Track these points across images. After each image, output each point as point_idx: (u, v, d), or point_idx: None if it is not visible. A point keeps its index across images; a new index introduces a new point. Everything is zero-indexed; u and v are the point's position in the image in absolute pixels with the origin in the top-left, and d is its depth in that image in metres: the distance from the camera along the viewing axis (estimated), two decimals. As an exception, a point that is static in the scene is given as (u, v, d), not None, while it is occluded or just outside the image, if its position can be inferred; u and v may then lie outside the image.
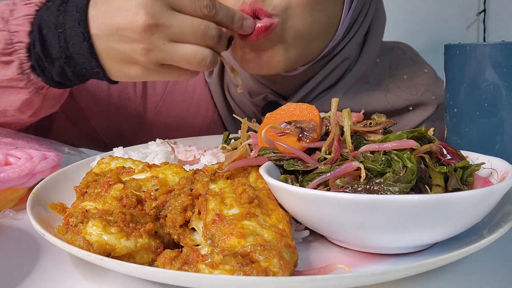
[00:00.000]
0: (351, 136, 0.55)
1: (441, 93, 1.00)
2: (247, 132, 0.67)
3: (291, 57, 0.81)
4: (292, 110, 0.59)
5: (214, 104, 1.08)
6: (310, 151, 0.56)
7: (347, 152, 0.53)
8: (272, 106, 0.93)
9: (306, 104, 0.59)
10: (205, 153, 0.70)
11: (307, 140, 0.53)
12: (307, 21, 0.78)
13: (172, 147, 0.74)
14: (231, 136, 0.80)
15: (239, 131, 0.72)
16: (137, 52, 0.66)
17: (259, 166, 0.56)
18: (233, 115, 0.75)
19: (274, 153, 0.55)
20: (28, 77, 0.73)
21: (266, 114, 0.62)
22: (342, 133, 0.56)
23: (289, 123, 0.54)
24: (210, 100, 1.07)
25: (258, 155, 0.57)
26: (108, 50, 0.68)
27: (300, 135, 0.53)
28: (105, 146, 1.11)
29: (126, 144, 0.88)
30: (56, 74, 0.72)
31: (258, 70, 0.82)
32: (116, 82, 0.75)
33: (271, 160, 0.55)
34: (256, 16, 0.74)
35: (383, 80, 1.01)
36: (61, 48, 0.70)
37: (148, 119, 1.07)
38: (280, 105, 0.95)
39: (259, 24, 0.74)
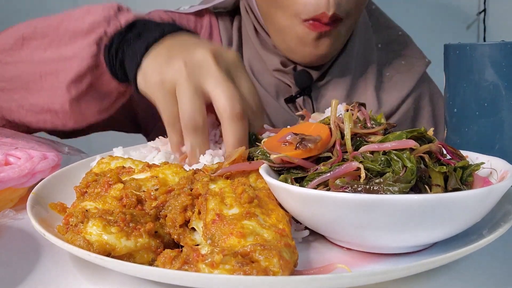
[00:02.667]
0: (351, 138, 0.55)
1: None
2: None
3: (335, 51, 1.00)
4: (308, 126, 0.59)
5: None
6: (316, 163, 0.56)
7: (348, 155, 0.53)
8: (303, 74, 1.02)
9: (322, 124, 0.58)
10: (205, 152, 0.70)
11: (303, 149, 0.52)
12: (357, 18, 0.98)
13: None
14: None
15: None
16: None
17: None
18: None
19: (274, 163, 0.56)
20: (98, 48, 0.78)
21: (282, 128, 0.64)
22: (343, 136, 0.56)
23: (296, 134, 0.54)
24: None
25: (250, 158, 0.57)
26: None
27: (298, 144, 0.53)
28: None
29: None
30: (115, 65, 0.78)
31: (308, 61, 0.98)
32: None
33: (272, 168, 0.55)
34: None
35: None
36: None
37: None
38: (309, 74, 1.02)
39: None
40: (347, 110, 0.61)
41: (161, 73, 0.67)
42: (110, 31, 0.79)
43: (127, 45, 0.77)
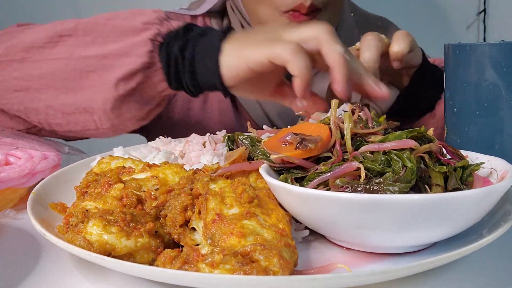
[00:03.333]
0: (351, 138, 0.55)
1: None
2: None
3: None
4: (308, 126, 0.59)
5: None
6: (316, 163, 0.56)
7: (348, 155, 0.53)
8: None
9: (322, 124, 0.59)
10: (205, 152, 0.70)
11: (304, 149, 0.53)
12: (337, 9, 1.01)
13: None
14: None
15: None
16: None
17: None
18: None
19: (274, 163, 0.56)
20: (153, 45, 0.78)
21: (283, 128, 0.64)
22: (343, 136, 0.56)
23: (296, 134, 0.54)
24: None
25: (250, 158, 0.57)
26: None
27: (298, 144, 0.53)
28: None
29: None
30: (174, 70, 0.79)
31: None
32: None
33: (272, 168, 0.55)
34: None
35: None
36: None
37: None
38: None
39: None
40: (352, 111, 0.61)
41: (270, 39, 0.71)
42: (163, 31, 0.79)
43: (194, 41, 0.77)
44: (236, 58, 0.73)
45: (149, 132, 1.17)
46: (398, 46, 0.80)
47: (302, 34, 0.70)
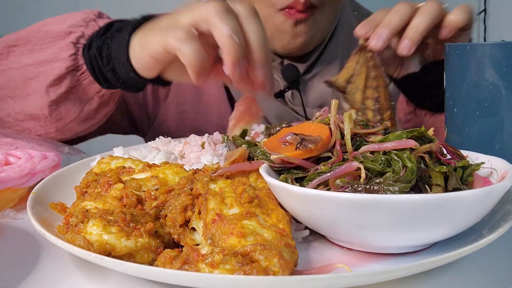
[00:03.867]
0: (351, 138, 0.55)
1: None
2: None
3: (315, 40, 1.02)
4: (308, 126, 0.59)
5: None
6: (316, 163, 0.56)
7: (348, 155, 0.53)
8: (290, 68, 1.04)
9: (322, 125, 0.59)
10: (205, 152, 0.70)
11: (304, 149, 0.53)
12: (335, 7, 1.01)
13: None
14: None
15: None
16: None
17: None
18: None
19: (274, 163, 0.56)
20: (76, 49, 0.79)
21: (283, 128, 0.64)
22: (343, 136, 0.56)
23: (296, 134, 0.54)
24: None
25: (250, 158, 0.57)
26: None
27: (298, 144, 0.53)
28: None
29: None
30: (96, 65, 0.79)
31: (289, 49, 0.99)
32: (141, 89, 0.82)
33: (272, 168, 0.55)
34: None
35: None
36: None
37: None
38: (296, 67, 1.03)
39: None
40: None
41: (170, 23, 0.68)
42: (88, 32, 0.80)
43: (110, 38, 0.77)
44: (139, 49, 0.72)
45: (144, 133, 1.18)
46: (455, 16, 0.74)
47: (194, 15, 0.67)
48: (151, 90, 1.11)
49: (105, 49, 0.77)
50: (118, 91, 0.86)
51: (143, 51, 0.71)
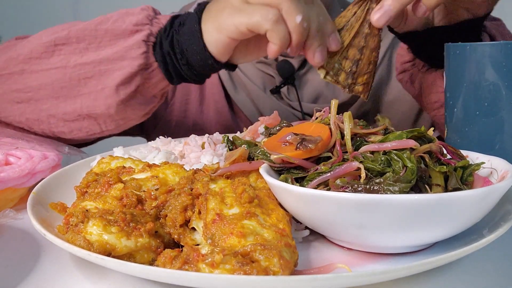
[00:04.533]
0: (351, 138, 0.55)
1: None
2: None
3: None
4: (308, 126, 0.59)
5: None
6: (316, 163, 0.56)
7: (348, 155, 0.53)
8: (285, 64, 1.04)
9: (322, 125, 0.59)
10: (205, 152, 0.70)
11: (304, 149, 0.53)
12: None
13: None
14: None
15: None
16: None
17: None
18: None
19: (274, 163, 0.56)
20: (147, 47, 0.78)
21: (283, 128, 0.64)
22: (343, 136, 0.56)
23: (296, 134, 0.54)
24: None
25: (250, 158, 0.57)
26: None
27: (298, 144, 0.53)
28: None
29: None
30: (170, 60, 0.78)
31: None
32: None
33: (272, 168, 0.55)
34: None
35: None
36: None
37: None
38: (291, 63, 1.03)
39: None
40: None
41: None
42: (154, 30, 0.79)
43: (177, 33, 0.77)
44: (216, 32, 0.72)
45: (148, 134, 1.18)
46: None
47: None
48: None
49: (176, 44, 0.77)
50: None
51: (221, 33, 0.72)
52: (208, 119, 1.12)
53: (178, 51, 0.77)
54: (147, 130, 1.18)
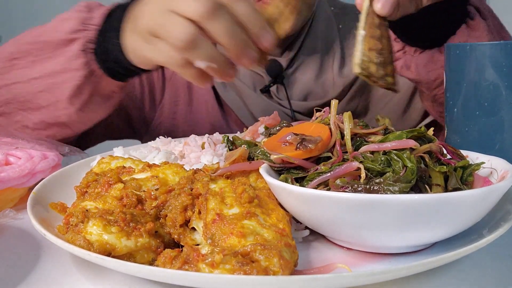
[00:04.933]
0: (351, 138, 0.55)
1: None
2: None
3: (298, 23, 1.01)
4: (308, 126, 0.59)
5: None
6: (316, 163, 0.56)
7: (348, 155, 0.53)
8: (273, 63, 1.04)
9: (322, 125, 0.58)
10: (205, 152, 0.70)
11: (304, 149, 0.53)
12: None
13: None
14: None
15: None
16: None
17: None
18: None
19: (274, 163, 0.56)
20: (86, 55, 0.77)
21: (283, 128, 0.64)
22: (342, 136, 0.56)
23: (296, 134, 0.54)
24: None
25: (250, 158, 0.57)
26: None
27: (298, 144, 0.53)
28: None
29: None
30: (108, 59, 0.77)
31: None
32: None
33: (272, 168, 0.56)
34: None
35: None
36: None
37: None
38: (279, 62, 1.04)
39: None
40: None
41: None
42: (91, 35, 0.77)
43: (108, 31, 0.75)
44: (132, 54, 0.70)
45: (143, 135, 1.18)
46: None
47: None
48: (148, 93, 1.11)
49: (107, 43, 0.76)
50: None
51: (137, 57, 0.70)
52: (198, 119, 1.12)
53: (111, 58, 0.76)
54: (139, 133, 1.19)
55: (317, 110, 0.65)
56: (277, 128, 0.66)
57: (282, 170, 0.55)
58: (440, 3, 0.77)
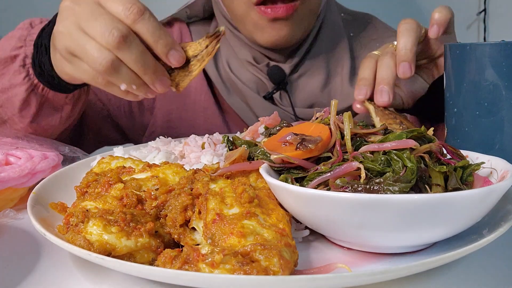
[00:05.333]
0: (351, 138, 0.55)
1: None
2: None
3: (299, 33, 1.01)
4: (308, 126, 0.59)
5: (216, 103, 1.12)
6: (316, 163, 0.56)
7: (348, 155, 0.53)
8: (276, 69, 1.04)
9: (322, 125, 0.59)
10: (205, 152, 0.70)
11: (304, 149, 0.53)
12: (317, 1, 1.02)
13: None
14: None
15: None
16: None
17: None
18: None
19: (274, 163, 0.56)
20: (26, 71, 0.80)
21: (283, 128, 0.64)
22: (342, 136, 0.56)
23: (296, 134, 0.55)
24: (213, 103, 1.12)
25: (250, 158, 0.57)
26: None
27: (298, 144, 0.53)
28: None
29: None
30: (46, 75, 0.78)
31: (272, 42, 0.99)
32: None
33: (272, 168, 0.56)
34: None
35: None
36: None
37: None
38: (282, 69, 1.04)
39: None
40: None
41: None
42: (29, 51, 0.80)
43: (39, 46, 0.77)
44: (57, 71, 0.73)
45: (139, 143, 1.18)
46: (439, 12, 0.77)
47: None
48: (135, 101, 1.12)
49: (39, 59, 0.78)
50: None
51: (64, 76, 0.73)
52: (196, 128, 1.11)
53: (46, 73, 0.77)
54: (134, 140, 1.19)
55: (317, 111, 0.65)
56: (277, 128, 0.66)
57: (282, 170, 0.55)
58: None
